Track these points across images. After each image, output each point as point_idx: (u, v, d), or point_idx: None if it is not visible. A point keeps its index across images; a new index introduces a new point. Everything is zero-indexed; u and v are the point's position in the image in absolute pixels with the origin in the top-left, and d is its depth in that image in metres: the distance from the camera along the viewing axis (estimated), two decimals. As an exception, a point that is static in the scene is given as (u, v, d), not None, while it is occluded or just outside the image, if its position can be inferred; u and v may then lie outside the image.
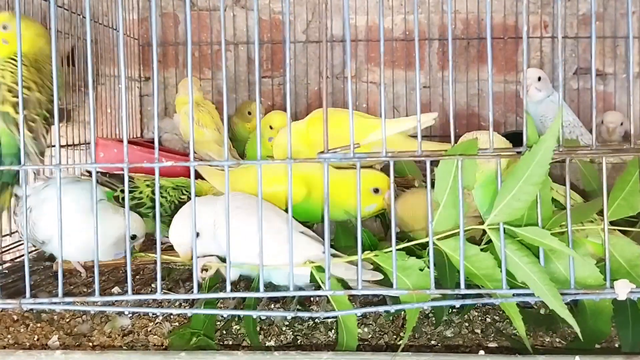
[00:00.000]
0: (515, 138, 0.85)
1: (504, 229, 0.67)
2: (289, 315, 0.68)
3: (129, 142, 1.47)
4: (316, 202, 0.95)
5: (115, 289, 0.98)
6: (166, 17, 1.76)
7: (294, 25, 1.72)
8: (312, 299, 0.90)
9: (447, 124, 1.77)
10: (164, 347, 0.80)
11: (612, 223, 0.72)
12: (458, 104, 1.70)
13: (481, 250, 0.70)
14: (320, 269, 0.75)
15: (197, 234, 0.78)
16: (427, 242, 0.68)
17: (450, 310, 0.84)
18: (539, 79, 1.33)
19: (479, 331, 0.83)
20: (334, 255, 0.81)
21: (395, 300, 0.73)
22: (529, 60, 1.66)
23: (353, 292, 0.69)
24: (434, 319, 0.84)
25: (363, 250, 0.69)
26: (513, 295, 0.70)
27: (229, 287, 0.68)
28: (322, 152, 0.67)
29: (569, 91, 1.62)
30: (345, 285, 0.74)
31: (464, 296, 0.71)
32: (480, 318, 0.87)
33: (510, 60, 1.67)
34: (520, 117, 1.59)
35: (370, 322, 0.85)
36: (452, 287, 0.73)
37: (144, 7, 1.71)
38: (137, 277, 1.06)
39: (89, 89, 0.68)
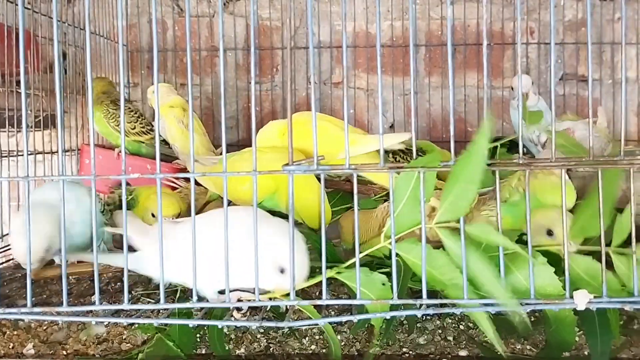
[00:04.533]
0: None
1: (449, 227, 0.66)
2: (254, 325, 0.68)
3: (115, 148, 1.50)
4: (283, 199, 0.97)
5: (94, 298, 0.99)
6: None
7: (281, 31, 1.72)
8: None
9: (434, 129, 1.78)
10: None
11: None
12: (445, 110, 1.71)
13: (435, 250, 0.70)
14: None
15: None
16: (382, 248, 0.69)
17: (424, 317, 0.84)
18: (532, 84, 1.34)
19: (451, 338, 0.84)
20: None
21: (360, 309, 0.73)
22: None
23: (317, 302, 0.69)
24: (407, 326, 0.85)
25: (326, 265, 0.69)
26: (481, 304, 0.70)
27: (195, 297, 0.68)
28: (286, 164, 0.67)
29: (555, 97, 1.62)
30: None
31: (427, 305, 0.71)
32: (453, 325, 0.87)
33: (497, 67, 1.67)
34: (507, 122, 1.59)
35: (345, 330, 0.85)
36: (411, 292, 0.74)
37: (132, 13, 1.72)
38: (119, 284, 1.06)
39: (57, 102, 0.69)
